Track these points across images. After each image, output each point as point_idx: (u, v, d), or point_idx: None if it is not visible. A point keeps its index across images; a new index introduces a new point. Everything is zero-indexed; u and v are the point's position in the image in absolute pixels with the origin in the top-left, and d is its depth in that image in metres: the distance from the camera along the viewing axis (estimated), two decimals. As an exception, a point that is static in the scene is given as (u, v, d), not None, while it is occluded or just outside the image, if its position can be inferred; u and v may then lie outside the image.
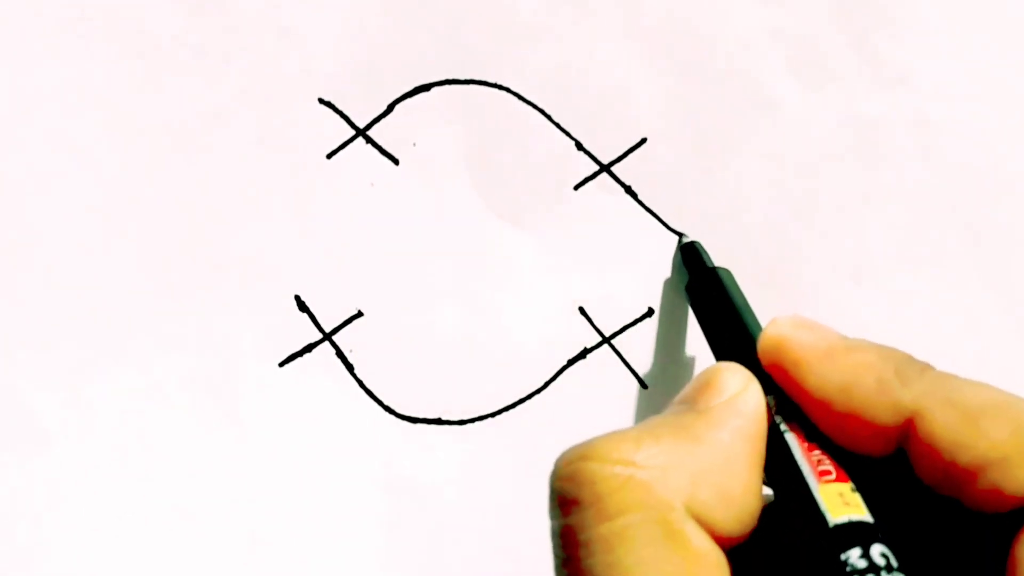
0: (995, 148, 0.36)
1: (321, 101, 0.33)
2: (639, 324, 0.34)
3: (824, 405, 0.23)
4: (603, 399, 0.34)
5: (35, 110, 0.32)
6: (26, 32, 0.31)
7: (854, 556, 0.21)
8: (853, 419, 0.23)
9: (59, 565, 0.32)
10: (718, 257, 0.34)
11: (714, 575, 0.21)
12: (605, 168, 0.34)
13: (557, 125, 0.34)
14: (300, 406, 0.33)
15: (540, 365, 0.34)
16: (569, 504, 0.21)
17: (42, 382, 0.32)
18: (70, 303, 0.32)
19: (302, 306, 0.33)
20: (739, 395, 0.23)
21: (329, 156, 0.33)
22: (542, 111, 0.34)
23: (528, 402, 0.34)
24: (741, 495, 0.22)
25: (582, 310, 0.34)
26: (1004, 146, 0.36)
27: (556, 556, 0.21)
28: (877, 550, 0.21)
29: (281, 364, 0.33)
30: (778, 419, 0.24)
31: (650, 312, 0.34)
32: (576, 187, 0.34)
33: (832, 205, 0.35)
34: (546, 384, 0.34)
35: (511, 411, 0.34)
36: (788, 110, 0.35)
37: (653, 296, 0.35)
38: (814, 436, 0.24)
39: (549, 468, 0.20)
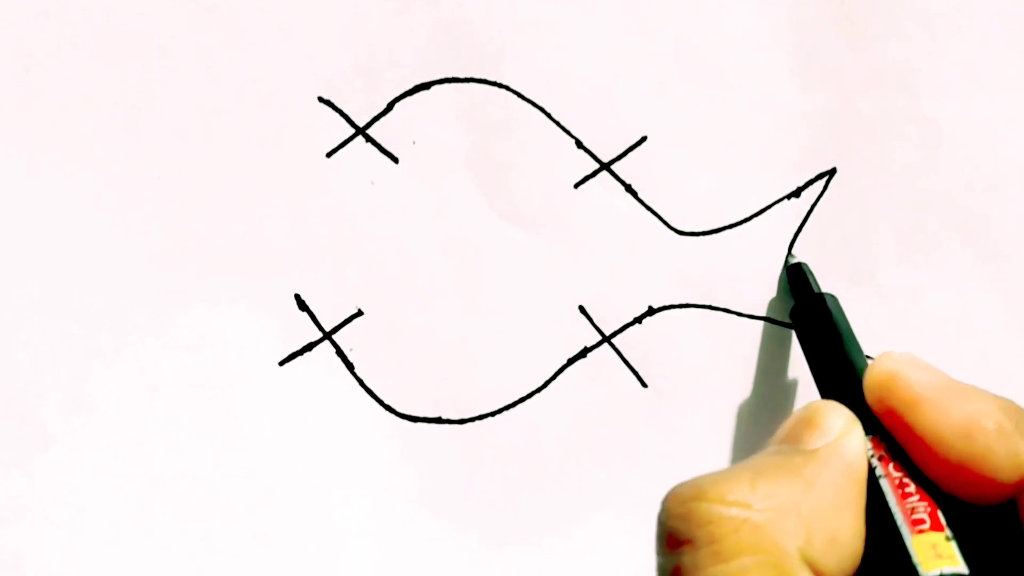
0: (995, 148, 0.36)
1: (321, 99, 0.33)
2: (639, 323, 0.34)
3: (932, 449, 0.23)
4: (603, 399, 0.34)
5: (35, 110, 0.32)
6: (26, 31, 0.31)
7: None
8: (966, 466, 0.22)
9: (59, 565, 0.32)
10: (717, 255, 0.34)
11: None
12: (605, 166, 0.34)
13: (557, 123, 0.34)
14: (300, 405, 0.33)
15: (540, 364, 0.34)
16: (681, 543, 0.21)
17: (42, 382, 0.32)
18: (70, 303, 0.32)
19: (302, 305, 0.33)
20: (843, 437, 0.23)
21: (329, 155, 0.33)
22: (542, 109, 0.34)
23: (528, 401, 0.34)
24: (849, 541, 0.22)
25: (582, 309, 0.34)
26: (1004, 146, 0.36)
27: None
28: None
29: (281, 363, 0.33)
30: (874, 462, 0.24)
31: (650, 311, 0.34)
32: (576, 185, 0.34)
33: (831, 204, 0.35)
34: (546, 383, 0.34)
35: (511, 410, 0.34)
36: (788, 110, 0.35)
37: (653, 295, 0.34)
38: (912, 477, 0.23)
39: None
